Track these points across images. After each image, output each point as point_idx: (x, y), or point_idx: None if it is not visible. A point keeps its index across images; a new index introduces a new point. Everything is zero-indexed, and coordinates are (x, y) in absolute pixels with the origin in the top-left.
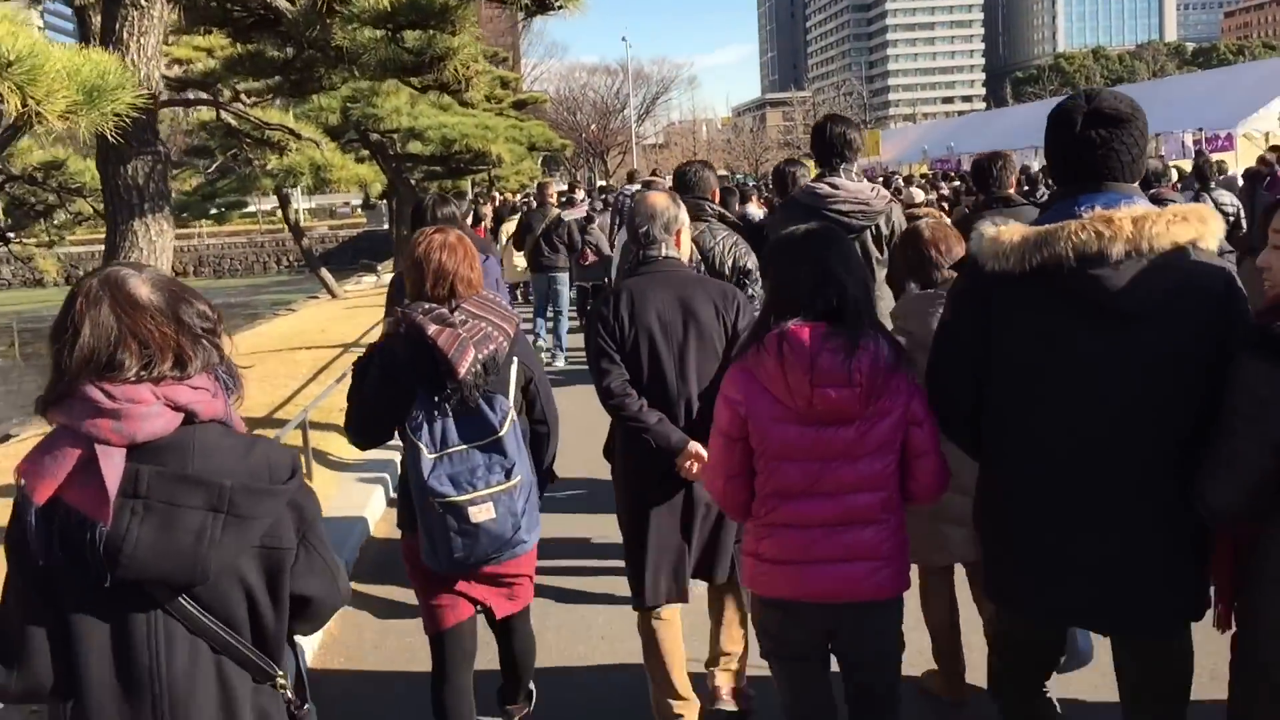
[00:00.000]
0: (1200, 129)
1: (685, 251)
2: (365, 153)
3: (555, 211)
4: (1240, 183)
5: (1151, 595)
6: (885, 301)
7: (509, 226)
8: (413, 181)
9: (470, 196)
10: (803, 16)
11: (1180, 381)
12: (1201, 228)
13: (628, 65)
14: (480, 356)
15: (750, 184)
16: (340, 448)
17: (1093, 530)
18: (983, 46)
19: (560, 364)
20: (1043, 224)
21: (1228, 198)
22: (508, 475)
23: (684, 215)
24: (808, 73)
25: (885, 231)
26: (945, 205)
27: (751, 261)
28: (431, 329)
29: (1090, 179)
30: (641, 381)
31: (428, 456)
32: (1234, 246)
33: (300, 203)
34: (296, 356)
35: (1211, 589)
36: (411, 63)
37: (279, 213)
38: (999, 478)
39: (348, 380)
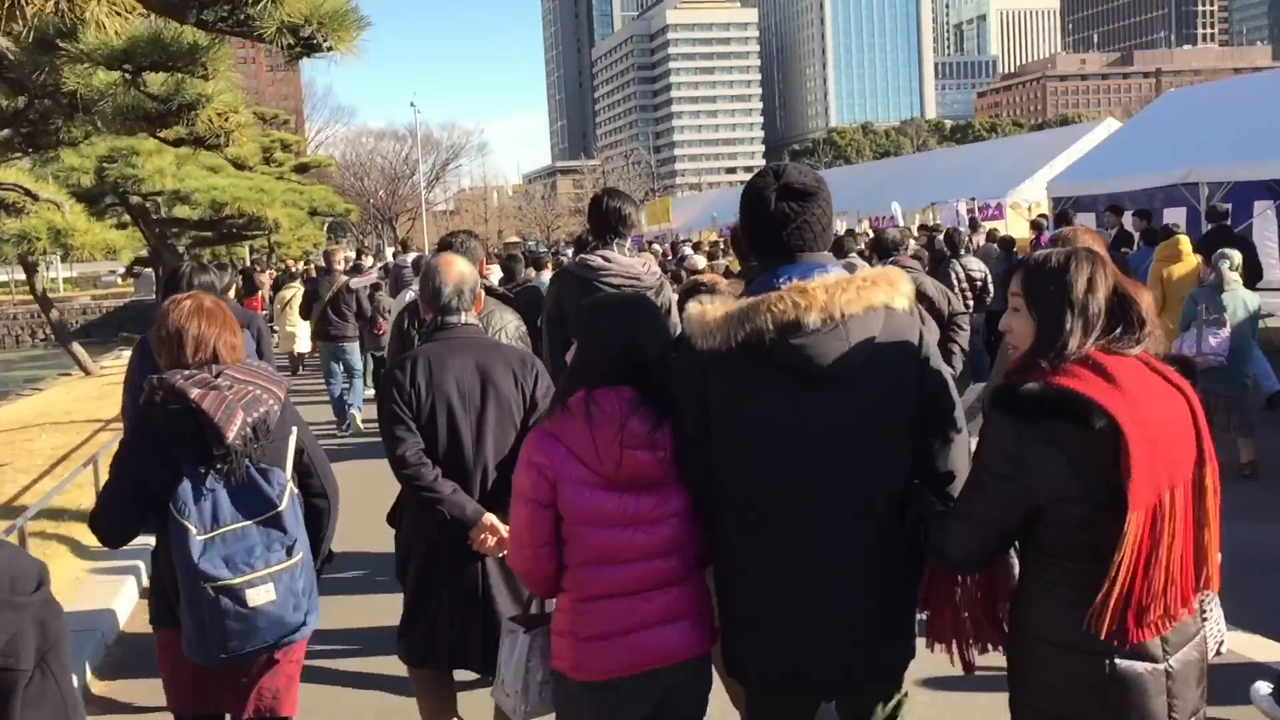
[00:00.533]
0: (973, 198)
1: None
2: (128, 217)
3: (342, 279)
4: (997, 250)
5: (886, 647)
6: None
7: (287, 294)
8: (182, 248)
9: (245, 264)
10: (591, 87)
11: (888, 437)
12: (891, 290)
13: (416, 130)
14: (250, 419)
15: (543, 251)
16: (85, 534)
17: (824, 592)
18: (761, 120)
19: (351, 434)
20: (745, 298)
21: (976, 264)
22: (289, 552)
23: (479, 282)
24: (597, 141)
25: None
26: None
27: (516, 335)
28: (194, 392)
29: (786, 251)
30: (437, 451)
31: (197, 538)
32: (980, 310)
33: (59, 271)
34: (32, 445)
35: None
36: (156, 111)
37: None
38: (728, 550)
39: (89, 470)
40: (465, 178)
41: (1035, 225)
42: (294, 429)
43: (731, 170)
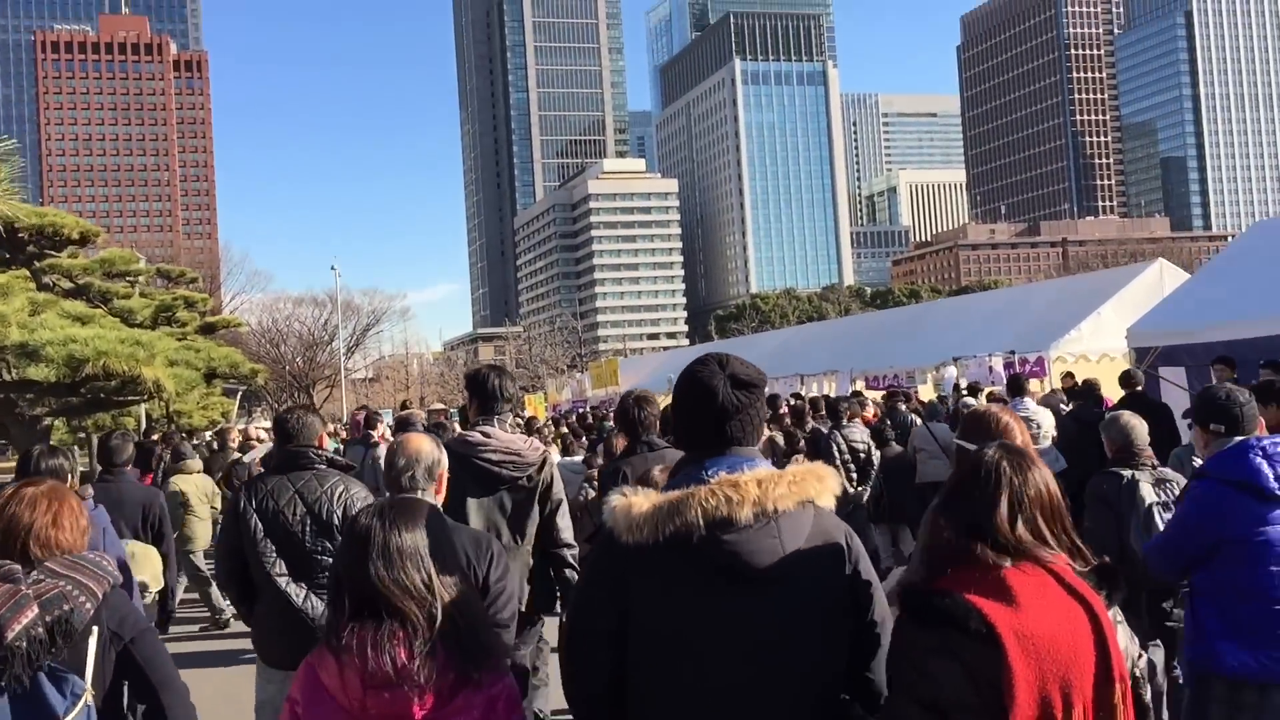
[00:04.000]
0: (1012, 351)
1: (442, 498)
2: None
3: (235, 454)
4: (1063, 399)
5: None
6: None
7: (180, 484)
8: (38, 418)
9: (138, 436)
10: (513, 255)
11: (821, 635)
12: (819, 485)
13: (337, 294)
14: (46, 619)
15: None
16: None
17: None
18: (684, 285)
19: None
20: (670, 490)
21: (859, 434)
22: None
23: (445, 459)
24: (519, 308)
25: (540, 484)
26: None
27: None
28: None
29: (719, 444)
30: None
31: None
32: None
33: None
34: None
35: None
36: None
37: None
38: None
39: None
40: (386, 344)
41: (1128, 379)
42: (94, 629)
43: (654, 336)
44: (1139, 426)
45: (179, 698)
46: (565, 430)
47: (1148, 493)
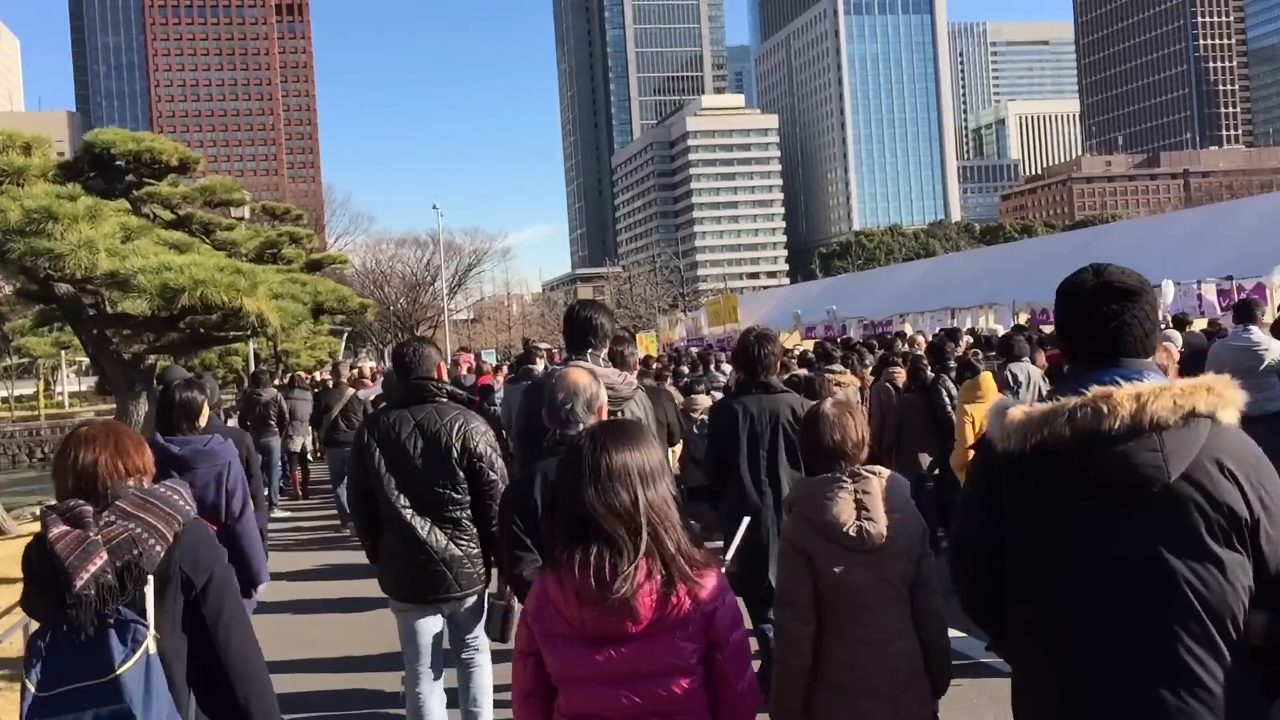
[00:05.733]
0: (1229, 277)
1: None
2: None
3: (350, 390)
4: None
5: None
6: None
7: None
8: (139, 356)
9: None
10: (610, 195)
11: (1206, 559)
12: (1213, 399)
13: (440, 234)
14: (115, 564)
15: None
16: None
17: (1141, 713)
18: (784, 224)
19: (349, 530)
20: (1048, 402)
21: None
22: None
23: (604, 393)
24: (617, 249)
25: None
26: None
27: (485, 443)
28: (54, 530)
29: (1101, 356)
30: None
31: (35, 694)
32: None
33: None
34: None
35: None
36: None
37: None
38: (1026, 668)
39: None
40: (488, 284)
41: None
42: (150, 579)
43: (754, 275)
44: None
45: (246, 660)
46: (683, 369)
47: None
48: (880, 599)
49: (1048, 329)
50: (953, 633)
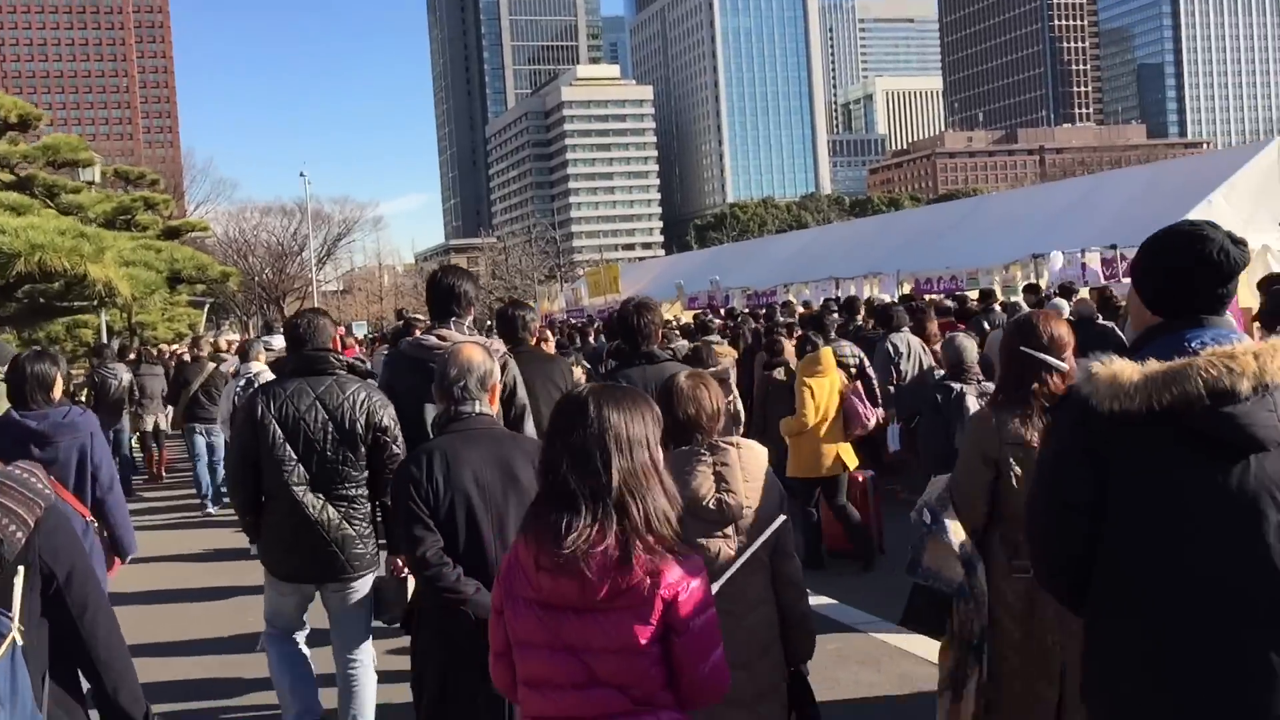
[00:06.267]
0: (1113, 246)
1: (496, 408)
2: None
3: (210, 365)
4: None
5: None
6: None
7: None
8: None
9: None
10: (485, 164)
11: None
12: None
13: (307, 203)
14: None
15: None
16: None
17: (1249, 681)
18: (659, 196)
19: (212, 509)
20: (1147, 360)
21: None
22: None
23: (498, 371)
24: (492, 219)
25: (504, 389)
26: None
27: (389, 416)
28: None
29: (1203, 312)
30: (457, 549)
31: None
32: None
33: None
34: None
35: None
36: None
37: None
38: (1125, 635)
39: None
40: (358, 255)
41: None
42: (19, 568)
43: (629, 247)
44: (970, 347)
45: (112, 651)
46: (559, 339)
47: (971, 403)
48: (742, 569)
49: (932, 298)
50: (823, 600)
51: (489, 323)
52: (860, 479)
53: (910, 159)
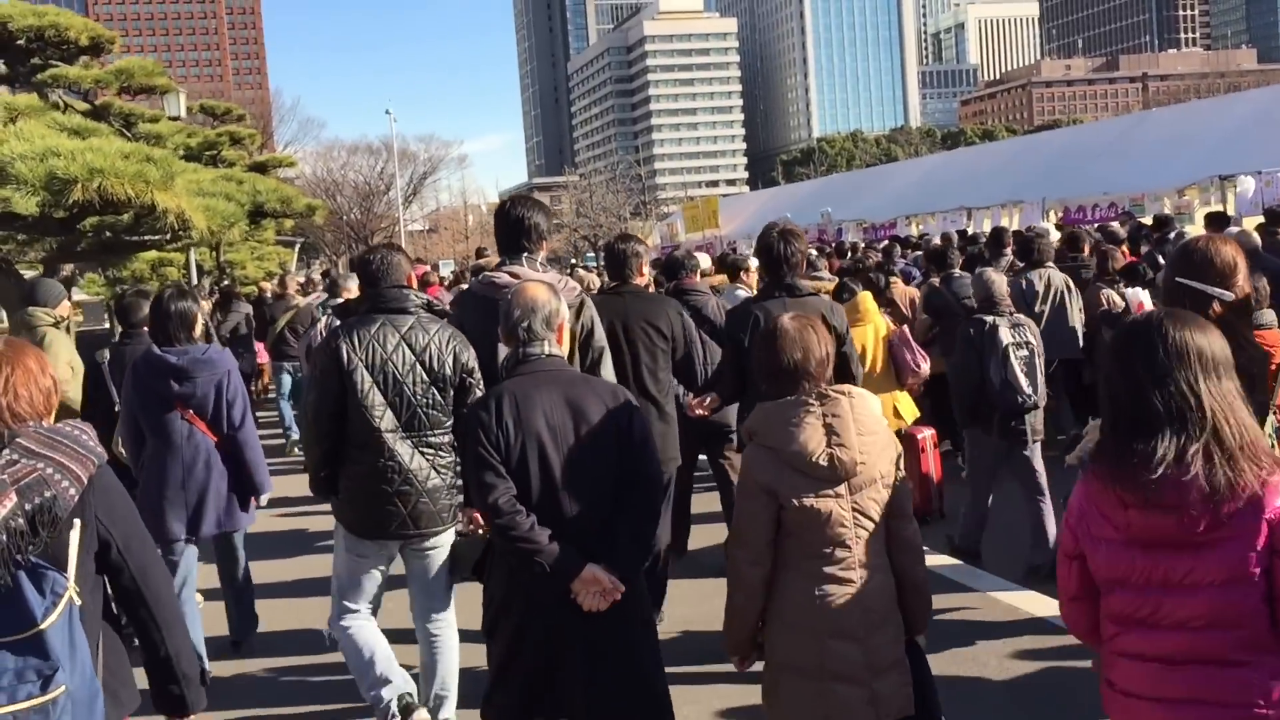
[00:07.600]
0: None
1: (566, 349)
2: None
3: (296, 300)
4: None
5: None
6: None
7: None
8: (21, 263)
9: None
10: (567, 102)
11: None
12: None
13: (393, 141)
14: (25, 507)
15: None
16: None
17: None
18: (743, 131)
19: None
20: None
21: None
22: (44, 686)
23: (565, 309)
24: (574, 157)
25: (580, 331)
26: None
27: (472, 358)
28: None
29: None
30: (530, 496)
31: None
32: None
33: None
34: None
35: None
36: None
37: None
38: None
39: None
40: (443, 194)
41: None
42: (76, 522)
43: (714, 184)
44: (999, 280)
45: (173, 615)
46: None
47: (1005, 335)
48: (854, 532)
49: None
50: (941, 560)
51: (573, 260)
52: (918, 435)
53: (1004, 89)
